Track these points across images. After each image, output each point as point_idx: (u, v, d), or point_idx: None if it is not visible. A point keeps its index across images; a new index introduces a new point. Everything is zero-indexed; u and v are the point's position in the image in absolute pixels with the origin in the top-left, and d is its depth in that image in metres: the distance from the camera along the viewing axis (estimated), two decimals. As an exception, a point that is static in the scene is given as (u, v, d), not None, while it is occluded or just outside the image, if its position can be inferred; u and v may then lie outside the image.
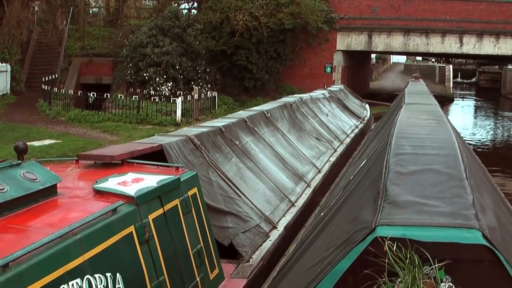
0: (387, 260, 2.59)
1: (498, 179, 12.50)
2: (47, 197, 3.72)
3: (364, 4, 30.02)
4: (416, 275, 2.55)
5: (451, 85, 49.02)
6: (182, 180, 4.60)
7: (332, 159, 11.57)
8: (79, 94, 21.52)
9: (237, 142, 8.15)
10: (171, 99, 21.34)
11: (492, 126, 30.74)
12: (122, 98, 21.09)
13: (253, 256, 6.03)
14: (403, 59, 65.92)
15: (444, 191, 3.31)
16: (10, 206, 3.39)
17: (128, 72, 23.58)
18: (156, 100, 21.40)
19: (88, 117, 20.26)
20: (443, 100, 32.59)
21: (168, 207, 4.29)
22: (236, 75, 27.24)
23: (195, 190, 4.87)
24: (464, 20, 29.03)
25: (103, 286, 3.30)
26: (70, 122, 20.01)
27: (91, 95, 20.85)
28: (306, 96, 14.95)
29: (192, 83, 23.66)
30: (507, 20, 28.65)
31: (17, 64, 24.87)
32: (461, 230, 2.72)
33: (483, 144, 23.54)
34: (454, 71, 55.96)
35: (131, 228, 3.74)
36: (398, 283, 2.58)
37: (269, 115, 10.48)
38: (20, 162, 3.75)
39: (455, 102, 42.40)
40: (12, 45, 24.85)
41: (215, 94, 23.71)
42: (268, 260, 6.13)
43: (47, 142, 16.26)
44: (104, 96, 21.19)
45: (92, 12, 34.50)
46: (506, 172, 17.00)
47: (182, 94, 21.78)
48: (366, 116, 18.95)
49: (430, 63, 63.92)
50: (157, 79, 22.84)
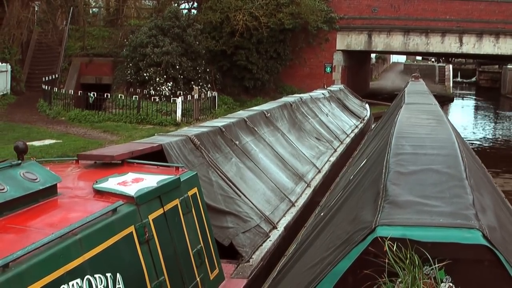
0: (387, 260, 2.59)
1: (498, 179, 12.50)
2: (47, 197, 3.72)
3: (364, 4, 30.03)
4: (416, 275, 2.55)
5: (451, 84, 49.03)
6: (182, 180, 4.60)
7: (332, 159, 11.57)
8: (79, 94, 21.53)
9: (237, 142, 8.15)
10: (171, 99, 21.35)
11: (491, 126, 30.73)
12: (122, 98, 21.10)
13: (253, 256, 6.02)
14: (403, 58, 65.94)
15: (444, 191, 3.30)
16: (10, 206, 3.39)
17: (128, 72, 23.58)
18: (156, 100, 21.40)
19: (88, 117, 20.26)
20: (443, 100, 32.59)
21: (168, 207, 4.29)
22: (236, 75, 27.24)
23: (195, 190, 4.87)
24: (464, 19, 29.03)
25: (103, 286, 3.30)
26: (70, 122, 20.01)
27: (92, 95, 20.85)
28: (306, 96, 14.94)
29: (192, 83, 23.66)
30: (506, 19, 28.65)
31: (17, 64, 24.87)
32: (461, 230, 2.71)
33: (483, 144, 23.53)
34: (454, 71, 55.94)
35: (131, 228, 3.74)
36: (398, 283, 2.58)
37: (269, 115, 10.47)
38: (20, 162, 3.75)
39: (455, 102, 42.41)
40: (12, 45, 24.86)
41: (215, 94, 23.71)
42: (268, 260, 6.12)
43: (47, 142, 16.26)
44: (104, 96, 21.20)
45: (92, 12, 34.50)
46: (506, 172, 17.00)
47: (182, 94, 21.78)
48: (366, 116, 18.95)
49: (430, 62, 63.92)
50: (157, 79, 22.85)
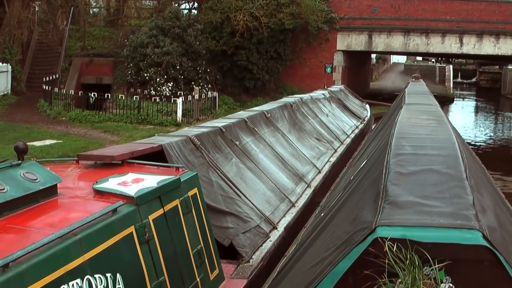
0: (387, 261, 2.59)
1: (498, 180, 12.50)
2: (47, 197, 3.72)
3: (364, 4, 30.03)
4: (416, 275, 2.55)
5: (451, 85, 49.03)
6: (182, 180, 4.60)
7: (332, 160, 11.57)
8: (79, 94, 21.53)
9: (237, 143, 8.15)
10: (172, 99, 21.35)
11: (491, 126, 30.72)
12: (123, 98, 21.10)
13: (253, 257, 6.02)
14: (403, 59, 65.90)
15: (444, 192, 3.30)
16: (10, 206, 3.39)
17: (129, 72, 23.59)
18: (157, 100, 21.41)
19: (89, 117, 20.26)
20: (443, 100, 32.58)
21: (168, 207, 4.29)
22: (236, 75, 27.24)
23: (195, 191, 4.87)
24: (464, 20, 29.02)
25: (103, 287, 3.30)
26: (71, 122, 20.01)
27: (92, 95, 20.86)
28: (306, 96, 14.94)
29: (193, 83, 23.66)
30: (507, 20, 28.64)
31: (17, 64, 24.87)
32: (461, 231, 2.72)
33: (483, 144, 23.53)
34: (454, 71, 55.95)
35: (131, 229, 3.74)
36: (398, 283, 2.58)
37: (269, 115, 10.47)
38: (20, 162, 3.75)
39: (455, 103, 42.41)
40: (13, 45, 24.87)
41: (215, 94, 23.71)
42: (268, 260, 6.12)
43: (48, 142, 16.27)
44: (105, 96, 21.21)
45: (92, 12, 34.51)
46: (506, 172, 16.99)
47: (182, 94, 21.79)
48: (366, 116, 18.94)
49: (430, 63, 63.90)
50: (157, 79, 22.85)
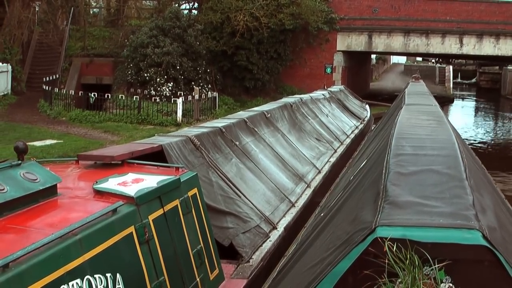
0: (387, 261, 2.59)
1: (498, 180, 12.50)
2: (47, 197, 3.72)
3: (364, 4, 30.03)
4: (416, 275, 2.54)
5: (451, 85, 49.03)
6: (182, 180, 4.60)
7: (332, 160, 11.57)
8: (80, 94, 21.54)
9: (237, 143, 8.15)
10: (172, 99, 21.36)
11: (491, 127, 30.72)
12: (123, 98, 21.11)
13: (253, 257, 6.03)
14: (403, 59, 65.87)
15: (444, 192, 3.30)
16: (10, 206, 3.39)
17: (129, 72, 23.59)
18: (157, 100, 21.41)
19: (89, 117, 20.27)
20: (443, 101, 32.59)
21: (168, 207, 4.29)
22: (236, 75, 27.24)
23: (195, 191, 4.87)
24: (464, 20, 29.03)
25: (103, 287, 3.30)
26: (71, 122, 20.02)
27: (92, 95, 20.86)
28: (306, 96, 14.94)
29: (193, 83, 23.66)
30: (507, 20, 28.65)
31: (18, 64, 24.87)
32: (461, 231, 2.71)
33: (482, 144, 23.53)
34: (454, 72, 55.95)
35: (131, 229, 3.74)
36: (398, 283, 2.58)
37: (269, 115, 10.47)
38: (20, 162, 3.75)
39: (455, 103, 42.42)
40: (13, 45, 24.87)
41: (215, 94, 23.71)
42: (268, 260, 6.12)
43: (48, 142, 16.27)
44: (105, 96, 21.21)
45: (92, 12, 34.50)
46: (506, 172, 17.00)
47: (182, 95, 21.79)
48: (366, 116, 18.95)
49: (430, 63, 63.90)
50: (157, 80, 22.85)
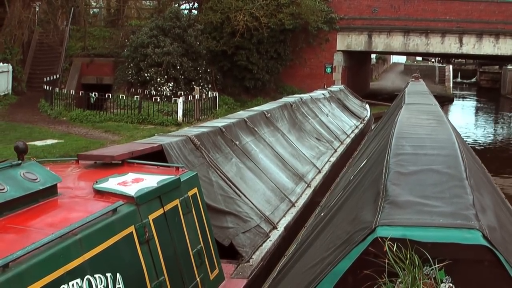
0: (387, 261, 2.59)
1: (498, 180, 12.49)
2: (47, 197, 3.71)
3: (364, 4, 30.03)
4: (416, 275, 2.54)
5: (451, 85, 49.03)
6: (182, 180, 4.60)
7: (332, 159, 11.57)
8: (80, 94, 21.56)
9: (237, 142, 8.14)
10: (172, 99, 21.38)
11: (491, 126, 30.71)
12: (124, 98, 21.12)
13: (253, 256, 6.02)
14: (403, 59, 65.86)
15: (444, 191, 3.30)
16: (10, 206, 3.39)
17: (129, 72, 23.60)
18: (157, 100, 21.43)
19: (90, 117, 20.28)
20: (443, 100, 32.58)
21: (168, 207, 4.29)
22: (236, 75, 27.25)
23: (195, 190, 4.87)
24: (464, 20, 29.03)
25: (103, 286, 3.30)
26: (71, 122, 20.03)
27: (93, 95, 20.87)
28: (306, 96, 14.94)
29: (193, 83, 23.67)
30: (506, 20, 28.64)
31: (18, 64, 24.87)
32: (461, 231, 2.71)
33: (482, 144, 23.52)
34: (454, 71, 55.93)
35: (131, 228, 3.74)
36: (398, 283, 2.58)
37: (269, 115, 10.47)
38: (20, 162, 3.75)
39: (455, 102, 42.42)
40: (14, 45, 24.86)
41: (216, 94, 23.72)
42: (268, 260, 6.12)
43: (49, 142, 16.28)
44: (105, 96, 21.22)
45: (92, 12, 34.49)
46: (506, 172, 16.99)
47: (183, 94, 21.81)
48: (366, 116, 18.94)
49: (430, 63, 63.89)
50: (158, 79, 22.86)
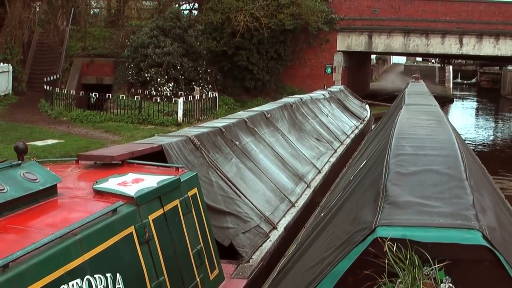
0: (387, 261, 2.59)
1: (498, 180, 12.49)
2: (47, 197, 3.71)
3: (364, 5, 30.04)
4: (416, 275, 2.54)
5: (451, 85, 49.03)
6: (182, 180, 4.60)
7: (332, 160, 11.57)
8: (80, 95, 21.56)
9: (237, 143, 8.14)
10: (173, 99, 21.39)
11: (491, 127, 30.70)
12: (124, 98, 21.13)
13: (253, 257, 6.02)
14: (403, 60, 65.88)
15: (444, 192, 3.30)
16: (10, 206, 3.39)
17: (130, 72, 23.60)
18: (158, 100, 21.43)
19: (90, 117, 20.28)
20: (443, 101, 32.59)
21: (168, 207, 4.29)
22: (237, 75, 27.25)
23: (195, 191, 4.87)
24: (464, 21, 29.04)
25: (103, 287, 3.30)
26: (72, 122, 20.03)
27: (93, 96, 20.87)
28: (306, 96, 14.94)
29: (193, 83, 23.68)
30: (506, 21, 28.65)
31: (18, 64, 24.87)
32: (461, 231, 2.71)
33: (482, 144, 23.52)
34: (454, 72, 55.93)
35: (131, 229, 3.74)
36: (398, 283, 2.58)
37: (269, 115, 10.47)
38: (20, 162, 3.75)
39: (455, 103, 42.42)
40: (14, 45, 24.87)
41: (216, 94, 23.73)
42: (268, 260, 6.12)
43: (50, 142, 16.28)
44: (106, 96, 21.23)
45: (93, 12, 34.49)
46: (506, 172, 16.99)
47: (183, 95, 21.81)
48: (366, 116, 18.95)
49: (430, 64, 63.89)
50: (158, 80, 22.87)
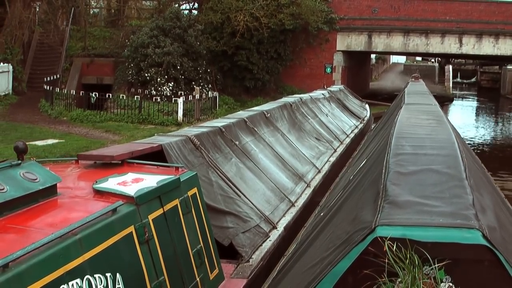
0: (387, 260, 2.59)
1: (498, 180, 12.50)
2: (47, 197, 3.71)
3: (364, 4, 30.04)
4: (416, 275, 2.54)
5: (451, 85, 49.02)
6: (182, 180, 4.60)
7: (332, 159, 11.57)
8: (81, 94, 21.57)
9: (237, 142, 8.14)
10: (173, 99, 21.40)
11: (490, 126, 30.70)
12: (124, 98, 21.14)
13: (253, 256, 6.02)
14: (402, 59, 65.92)
15: (444, 191, 3.30)
16: (10, 206, 3.39)
17: (130, 72, 23.61)
18: (158, 100, 21.44)
19: (90, 117, 20.29)
20: (442, 100, 32.59)
21: (168, 207, 4.29)
22: (236, 75, 27.26)
23: (195, 190, 4.87)
24: (464, 20, 29.04)
25: (103, 286, 3.30)
26: (72, 122, 20.03)
27: (93, 95, 20.87)
28: (306, 96, 14.94)
29: (193, 83, 23.69)
30: (506, 20, 28.65)
31: (19, 64, 24.87)
32: (461, 230, 2.71)
33: (482, 144, 23.52)
34: (453, 71, 55.92)
35: (131, 228, 3.73)
36: (398, 283, 2.58)
37: (269, 115, 10.47)
38: (20, 162, 3.75)
39: (455, 103, 42.41)
40: (14, 45, 24.86)
41: (216, 94, 23.73)
42: (268, 260, 6.12)
43: (50, 141, 16.28)
44: (106, 96, 21.23)
45: (93, 12, 34.48)
46: (506, 172, 16.99)
47: (183, 94, 21.82)
48: (366, 116, 18.94)
49: (429, 63, 63.89)
50: (158, 79, 22.87)
